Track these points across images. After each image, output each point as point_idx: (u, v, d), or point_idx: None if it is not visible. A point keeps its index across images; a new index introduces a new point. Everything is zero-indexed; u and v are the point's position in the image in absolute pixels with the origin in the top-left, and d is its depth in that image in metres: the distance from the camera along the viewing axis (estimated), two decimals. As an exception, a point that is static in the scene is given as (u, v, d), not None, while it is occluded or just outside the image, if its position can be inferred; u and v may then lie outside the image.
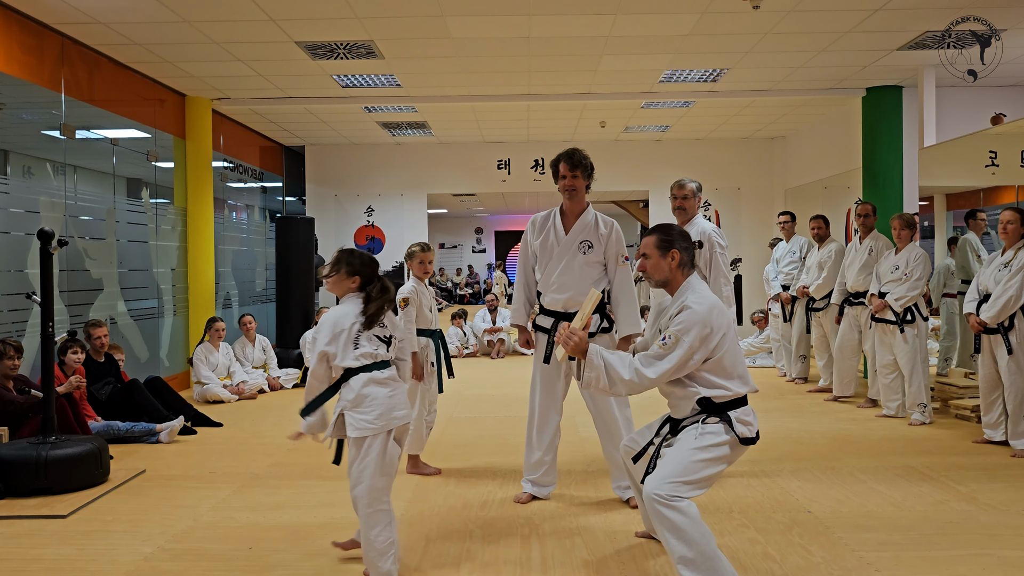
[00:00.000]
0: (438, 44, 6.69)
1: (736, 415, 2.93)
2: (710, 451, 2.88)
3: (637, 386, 2.94)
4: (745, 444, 2.94)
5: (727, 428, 2.91)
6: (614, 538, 3.68)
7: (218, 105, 8.70)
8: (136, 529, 3.87)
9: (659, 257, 3.07)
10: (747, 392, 2.99)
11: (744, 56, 7.16)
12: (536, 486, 4.27)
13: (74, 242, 6.39)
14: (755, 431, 2.96)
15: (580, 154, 4.09)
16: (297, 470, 4.94)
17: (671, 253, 3.06)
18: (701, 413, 2.96)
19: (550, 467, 4.26)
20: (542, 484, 4.27)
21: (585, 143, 11.48)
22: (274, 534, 3.77)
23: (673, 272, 3.07)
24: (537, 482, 4.27)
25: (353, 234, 11.86)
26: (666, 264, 3.06)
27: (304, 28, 6.23)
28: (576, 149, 4.12)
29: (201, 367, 7.36)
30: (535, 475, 4.26)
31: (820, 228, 7.40)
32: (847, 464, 4.89)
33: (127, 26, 6.10)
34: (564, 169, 4.08)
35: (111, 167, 7.08)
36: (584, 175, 4.08)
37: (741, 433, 2.91)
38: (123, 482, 4.66)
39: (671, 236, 3.08)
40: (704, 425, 2.93)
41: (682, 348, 2.88)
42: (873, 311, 6.31)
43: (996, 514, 3.92)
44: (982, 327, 5.31)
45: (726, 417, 2.93)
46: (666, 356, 2.90)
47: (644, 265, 3.13)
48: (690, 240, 3.13)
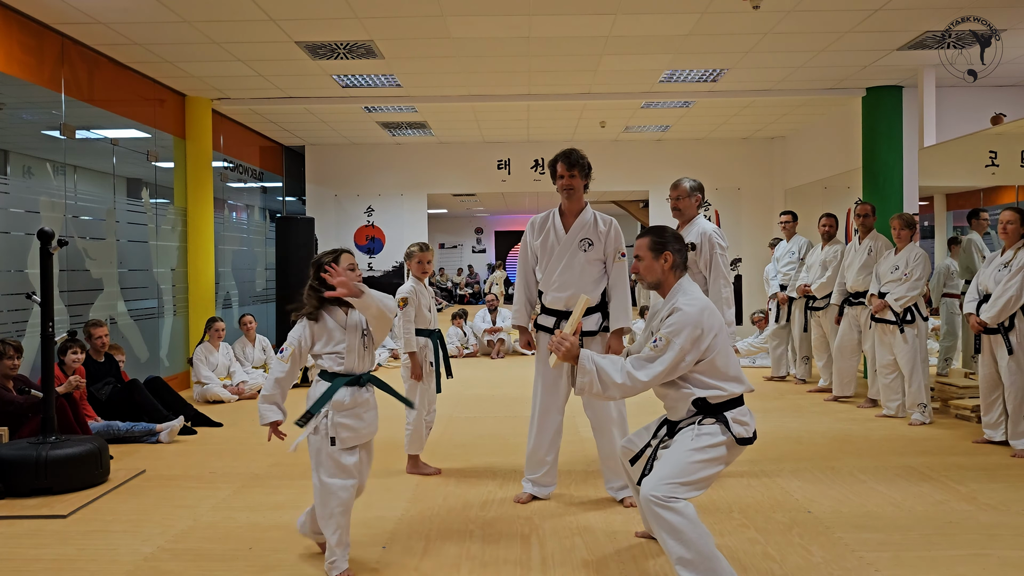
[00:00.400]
0: (438, 44, 6.69)
1: (732, 415, 2.94)
2: (707, 452, 2.88)
3: (630, 389, 2.95)
4: (742, 444, 2.94)
5: (723, 429, 2.91)
6: (614, 538, 3.68)
7: (218, 105, 8.70)
8: (136, 529, 3.87)
9: (652, 259, 3.10)
10: (743, 392, 2.99)
11: (744, 56, 7.17)
12: (537, 486, 4.28)
13: (74, 242, 6.39)
14: (752, 431, 2.97)
15: (577, 154, 4.11)
16: (297, 470, 4.94)
17: (664, 255, 3.08)
18: (697, 414, 2.97)
19: (551, 467, 4.27)
20: (543, 484, 4.28)
21: (585, 143, 11.49)
22: (274, 534, 3.77)
23: (666, 274, 3.10)
24: (538, 482, 4.27)
25: (353, 234, 11.87)
26: (659, 266, 3.09)
27: (304, 28, 6.23)
28: (573, 149, 4.14)
29: (201, 367, 7.36)
30: (536, 475, 4.26)
31: (831, 226, 7.34)
32: (847, 464, 4.89)
33: (127, 26, 6.11)
34: (562, 169, 4.11)
35: (111, 167, 7.08)
36: (582, 174, 4.10)
37: (738, 433, 2.92)
38: (123, 482, 4.66)
39: (664, 239, 3.11)
40: (700, 426, 2.94)
41: (673, 350, 2.89)
42: (873, 311, 6.31)
43: (996, 514, 3.92)
44: (982, 327, 5.31)
45: (722, 418, 2.93)
46: (657, 359, 2.91)
47: (637, 267, 3.15)
48: (683, 242, 3.16)
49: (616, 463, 4.10)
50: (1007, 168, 7.24)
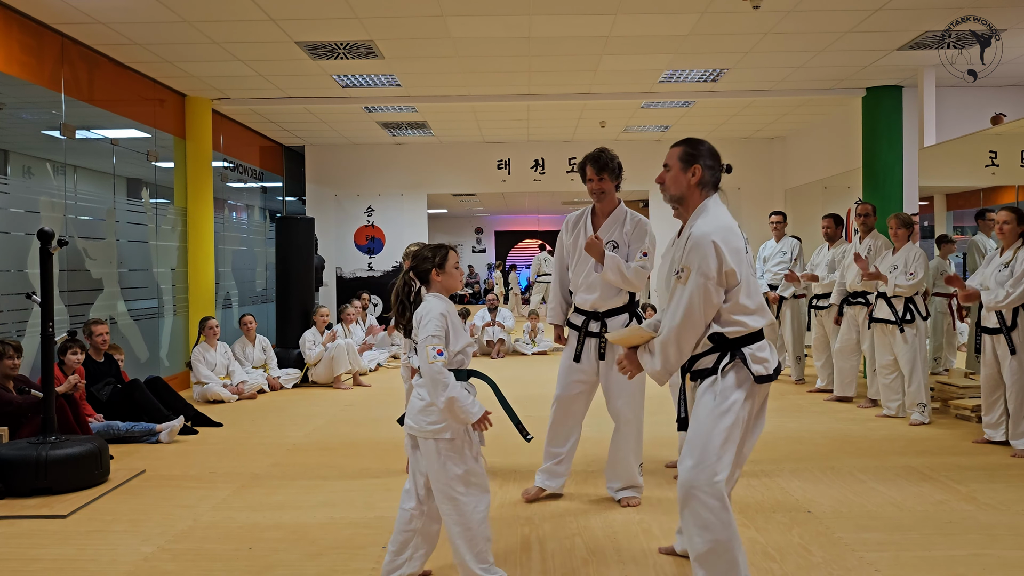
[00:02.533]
0: (438, 44, 6.69)
1: (751, 351, 2.72)
2: (728, 416, 2.68)
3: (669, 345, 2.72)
4: (760, 383, 2.73)
5: (741, 368, 2.71)
6: (614, 538, 3.68)
7: (218, 105, 8.70)
8: (136, 529, 3.87)
9: (679, 170, 2.82)
10: (764, 325, 2.76)
11: (744, 56, 7.17)
12: (548, 476, 4.25)
13: (74, 242, 6.40)
14: (772, 368, 2.75)
15: (606, 156, 4.00)
16: (297, 470, 4.94)
17: (693, 168, 2.80)
18: (714, 351, 2.76)
19: (565, 458, 4.24)
20: (555, 474, 4.25)
21: (585, 143, 11.50)
22: (274, 534, 3.77)
23: (691, 189, 2.81)
24: (550, 471, 4.25)
25: (353, 234, 11.87)
26: (685, 179, 2.81)
27: (304, 28, 6.23)
28: (603, 150, 4.03)
29: (200, 367, 7.35)
30: (548, 463, 4.25)
31: (828, 227, 7.32)
32: (847, 464, 4.89)
33: (127, 26, 6.11)
34: (591, 172, 4.02)
35: (111, 167, 7.08)
36: (611, 177, 4.01)
37: (757, 372, 2.71)
38: (123, 482, 4.66)
39: (698, 151, 2.83)
40: (721, 382, 2.72)
41: (695, 281, 2.64)
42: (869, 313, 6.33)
43: (996, 514, 3.92)
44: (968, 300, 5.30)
45: (740, 353, 2.72)
46: (679, 297, 2.69)
47: (663, 176, 2.88)
48: (719, 161, 2.87)
49: (623, 467, 4.12)
50: (1007, 168, 7.24)
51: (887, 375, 6.31)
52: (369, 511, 4.07)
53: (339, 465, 5.06)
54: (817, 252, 7.52)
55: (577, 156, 11.57)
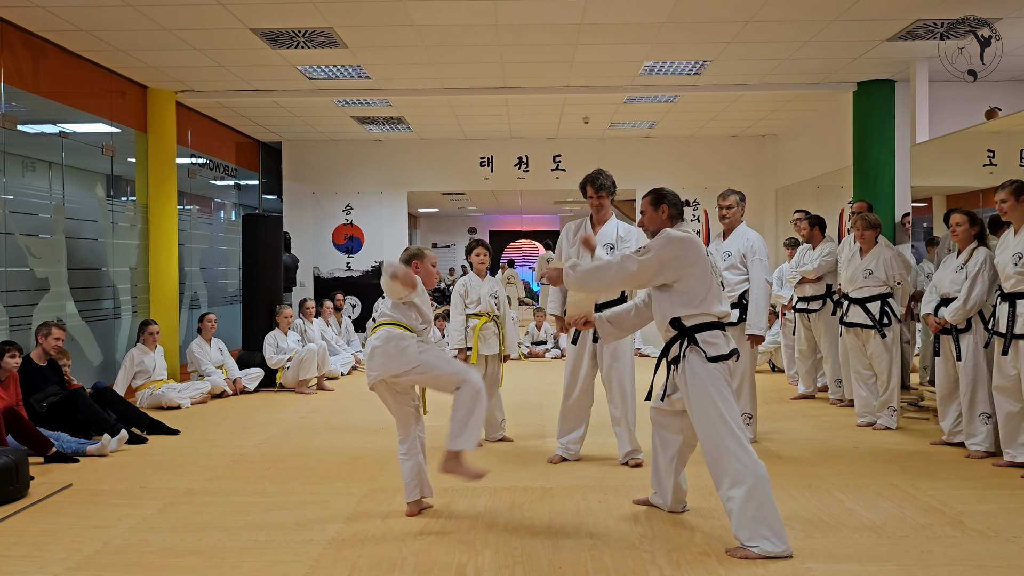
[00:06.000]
0: (401, 32, 6.34)
1: (703, 336, 3.43)
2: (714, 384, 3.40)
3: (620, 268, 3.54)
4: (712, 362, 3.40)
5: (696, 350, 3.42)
6: (615, 538, 3.52)
7: (183, 98, 8.35)
8: (38, 553, 3.53)
9: (652, 211, 3.71)
10: (718, 318, 3.48)
11: (726, 47, 6.81)
12: (563, 448, 5.01)
13: (15, 239, 6.05)
14: (726, 350, 3.45)
15: (603, 178, 4.87)
16: (234, 485, 4.60)
17: (662, 207, 3.70)
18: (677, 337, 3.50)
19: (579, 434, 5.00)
20: (569, 446, 5.01)
21: (569, 140, 11.16)
22: (186, 561, 3.42)
23: (663, 223, 3.69)
24: (565, 444, 5.01)
25: (331, 232, 11.53)
26: (658, 216, 3.70)
27: (256, 13, 5.89)
28: (600, 172, 4.89)
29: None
30: (564, 439, 5.01)
31: (803, 229, 7.02)
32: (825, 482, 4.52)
33: (67, 10, 5.76)
34: (591, 192, 4.90)
35: (60, 160, 6.72)
36: (608, 194, 4.90)
37: (708, 352, 3.41)
38: (42, 498, 4.32)
39: (662, 194, 3.72)
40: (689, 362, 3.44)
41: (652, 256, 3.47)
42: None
43: (983, 542, 3.56)
44: (940, 327, 5.21)
45: (692, 338, 3.44)
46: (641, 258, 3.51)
47: (642, 221, 3.76)
48: (679, 200, 3.75)
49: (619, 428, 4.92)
50: (1006, 167, 6.88)
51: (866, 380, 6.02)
52: (298, 534, 3.73)
53: (281, 479, 4.72)
54: (801, 254, 7.16)
55: (562, 153, 11.38)
